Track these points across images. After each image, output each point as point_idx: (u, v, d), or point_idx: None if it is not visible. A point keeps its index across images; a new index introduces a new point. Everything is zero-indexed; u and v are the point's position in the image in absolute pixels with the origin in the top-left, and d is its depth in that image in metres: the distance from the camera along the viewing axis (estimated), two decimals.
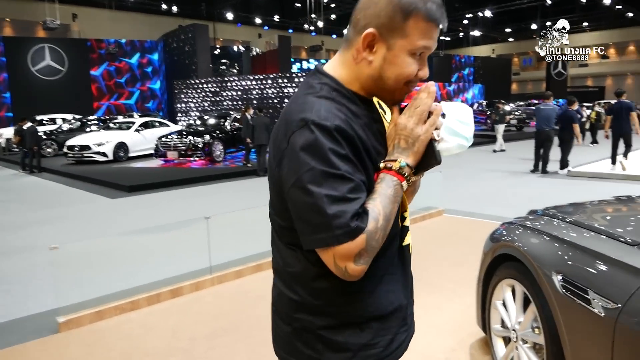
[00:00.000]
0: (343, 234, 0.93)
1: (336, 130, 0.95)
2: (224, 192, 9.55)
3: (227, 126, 14.40)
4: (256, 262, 4.67)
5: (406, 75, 1.04)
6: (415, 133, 1.03)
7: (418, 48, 1.02)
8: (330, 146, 0.94)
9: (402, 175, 1.01)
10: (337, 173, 0.93)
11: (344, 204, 0.93)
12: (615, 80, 40.21)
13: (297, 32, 36.02)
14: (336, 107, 1.00)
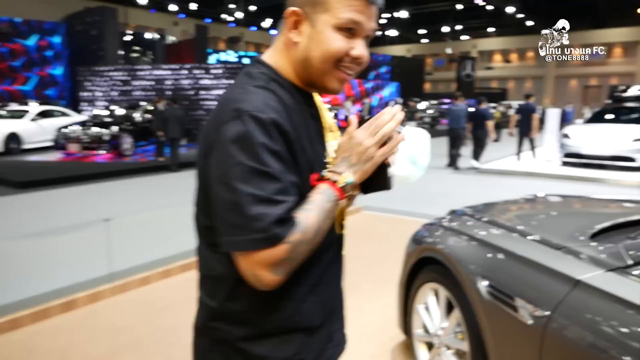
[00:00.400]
0: (261, 239, 0.85)
1: (272, 123, 0.88)
2: (132, 189, 8.90)
3: (137, 118, 13.52)
4: (164, 267, 4.30)
5: (333, 53, 0.95)
6: (370, 153, 0.96)
7: (344, 22, 0.93)
8: (262, 141, 0.86)
9: (344, 192, 0.94)
10: (266, 171, 0.86)
11: (267, 206, 0.85)
12: (516, 83, 43.26)
13: (215, 22, 34.87)
14: (274, 99, 0.93)
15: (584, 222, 1.97)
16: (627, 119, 11.67)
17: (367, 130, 0.96)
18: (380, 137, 0.95)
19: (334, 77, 0.98)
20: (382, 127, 0.95)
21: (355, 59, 0.97)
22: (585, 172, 10.11)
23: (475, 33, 43.45)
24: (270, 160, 0.86)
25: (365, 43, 0.99)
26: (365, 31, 0.96)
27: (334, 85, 0.99)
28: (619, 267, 1.45)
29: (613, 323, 1.35)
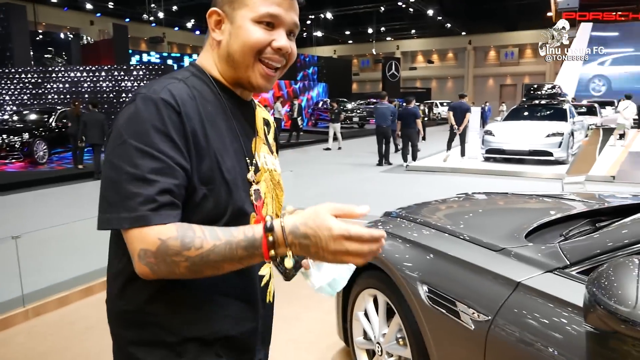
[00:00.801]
0: (127, 218, 0.82)
1: (162, 102, 0.86)
2: (48, 201, 8.23)
3: (52, 123, 12.59)
4: (86, 284, 3.97)
5: (251, 44, 0.94)
6: (331, 247, 0.81)
7: (262, 15, 0.94)
8: (151, 121, 0.85)
9: (270, 257, 0.83)
10: (146, 150, 0.83)
11: (141, 185, 0.82)
12: (438, 83, 45.13)
13: (134, 21, 33.36)
14: (181, 88, 0.91)
15: (518, 220, 1.99)
16: (542, 115, 12.47)
17: (348, 231, 0.80)
18: (353, 248, 0.81)
19: (258, 72, 0.96)
20: (363, 244, 0.81)
21: (277, 50, 0.95)
22: (507, 167, 10.66)
23: (398, 34, 44.83)
24: (155, 138, 0.84)
25: (288, 37, 0.97)
26: (285, 23, 0.96)
27: (259, 81, 0.97)
28: (558, 267, 1.45)
29: (554, 325, 1.34)
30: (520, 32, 40.93)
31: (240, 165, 0.97)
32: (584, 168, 6.29)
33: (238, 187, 0.94)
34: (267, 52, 0.95)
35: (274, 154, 1.13)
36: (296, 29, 0.99)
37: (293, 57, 1.00)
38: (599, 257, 1.37)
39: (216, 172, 0.90)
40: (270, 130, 1.16)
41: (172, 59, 28.30)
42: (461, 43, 43.31)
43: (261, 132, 1.08)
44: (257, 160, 1.02)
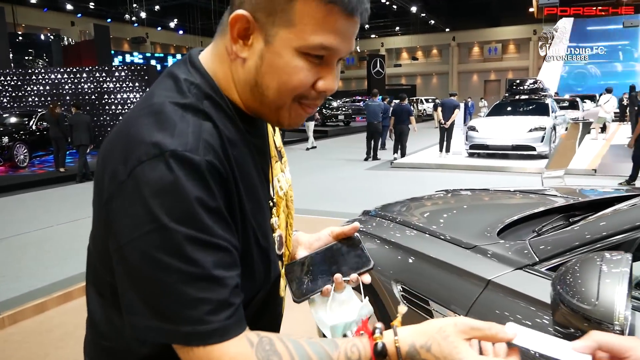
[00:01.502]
0: (193, 333, 0.61)
1: (208, 169, 0.63)
2: (28, 205, 8.10)
3: (32, 126, 12.40)
4: (64, 289, 3.90)
5: (293, 86, 0.69)
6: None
7: (312, 47, 0.67)
8: (197, 194, 0.62)
9: None
10: (203, 238, 0.61)
11: (205, 287, 0.61)
12: (423, 79, 45.35)
13: (116, 21, 33.02)
14: (209, 129, 0.67)
15: (492, 217, 1.99)
16: (525, 110, 12.57)
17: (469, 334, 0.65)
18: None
19: (294, 113, 0.73)
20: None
21: (321, 93, 0.72)
22: (491, 162, 10.73)
23: (382, 31, 44.95)
24: (208, 220, 0.62)
25: (338, 69, 0.74)
26: (340, 55, 0.71)
27: (292, 122, 0.74)
28: (527, 264, 1.45)
29: (523, 322, 1.34)
30: (503, 28, 41.29)
31: (266, 216, 0.79)
32: (563, 162, 6.35)
33: (270, 251, 0.78)
34: (308, 94, 0.72)
35: (283, 160, 0.92)
36: (348, 55, 0.76)
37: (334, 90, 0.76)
38: (568, 253, 1.37)
39: (254, 243, 0.73)
40: (277, 131, 0.94)
41: (156, 59, 28.09)
42: (445, 39, 43.57)
43: (272, 148, 0.86)
44: (273, 194, 0.83)
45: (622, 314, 0.95)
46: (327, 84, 0.71)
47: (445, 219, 2.26)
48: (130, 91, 16.32)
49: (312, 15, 0.66)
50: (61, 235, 5.54)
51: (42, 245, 5.20)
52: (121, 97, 16.35)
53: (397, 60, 45.70)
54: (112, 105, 16.42)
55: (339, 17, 0.67)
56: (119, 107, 16.37)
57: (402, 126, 11.87)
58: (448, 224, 2.05)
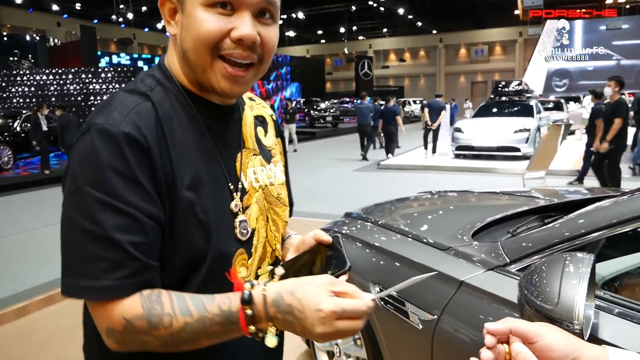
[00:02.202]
0: (87, 288, 0.69)
1: (125, 138, 0.71)
2: (12, 207, 8.01)
3: (17, 127, 12.26)
4: (46, 293, 3.87)
5: (203, 37, 0.74)
6: (319, 330, 0.67)
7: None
8: (110, 162, 0.69)
9: (250, 333, 0.70)
10: (107, 201, 0.69)
11: (103, 246, 0.68)
12: (411, 81, 45.55)
13: (103, 22, 32.72)
14: (147, 110, 0.76)
15: (469, 219, 2.02)
16: (509, 111, 12.70)
17: (339, 305, 0.68)
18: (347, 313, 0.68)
19: (219, 73, 0.76)
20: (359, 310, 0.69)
21: (239, 42, 0.74)
22: (477, 164, 10.83)
23: (370, 33, 45.10)
24: (117, 185, 0.69)
25: (259, 19, 0.77)
26: (248, 3, 0.74)
27: (222, 85, 0.77)
28: (499, 265, 1.48)
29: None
30: (489, 30, 41.62)
31: (222, 196, 0.82)
32: (544, 163, 6.42)
33: (218, 228, 0.79)
34: (225, 45, 0.74)
35: (272, 162, 0.96)
36: (270, 6, 0.77)
37: (269, 46, 0.79)
38: (538, 254, 1.40)
39: (189, 215, 0.76)
40: (269, 128, 0.98)
41: (143, 61, 27.85)
42: (432, 41, 43.81)
43: (250, 141, 0.91)
44: (244, 181, 0.86)
45: (581, 313, 0.98)
46: (240, 31, 0.74)
47: (424, 221, 2.29)
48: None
49: None
50: (44, 238, 5.49)
51: (24, 248, 5.15)
52: None
53: (385, 62, 45.86)
54: None
55: None
56: None
57: (390, 127, 12.17)
58: (426, 226, 2.08)
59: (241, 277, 0.85)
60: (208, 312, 0.70)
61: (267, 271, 0.92)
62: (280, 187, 0.97)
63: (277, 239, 0.96)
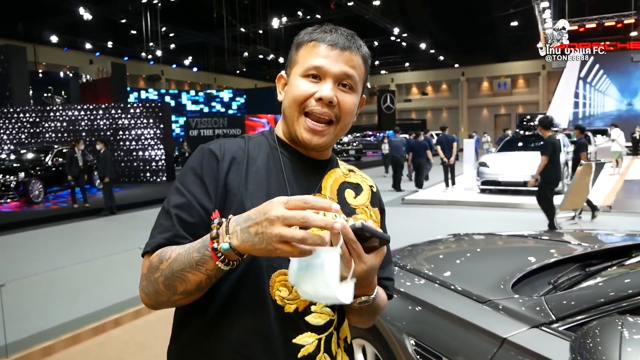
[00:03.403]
0: (147, 244, 0.92)
1: (208, 151, 0.97)
2: (41, 241, 8.15)
3: (48, 162, 12.63)
4: (72, 332, 3.86)
5: (296, 96, 0.97)
6: (267, 228, 0.75)
7: (308, 68, 0.96)
8: (193, 164, 0.96)
9: (217, 255, 0.79)
10: (179, 188, 0.95)
11: (164, 216, 0.93)
12: (433, 114, 45.62)
13: (133, 59, 33.94)
14: (238, 142, 1.01)
15: (505, 267, 1.95)
16: (535, 146, 12.51)
17: (288, 203, 0.74)
18: (295, 217, 0.72)
19: (302, 126, 0.97)
20: (306, 207, 0.74)
21: (319, 101, 0.95)
22: (503, 199, 10.62)
23: (392, 67, 45.58)
24: (189, 180, 0.94)
25: (339, 87, 0.97)
26: (331, 74, 0.95)
27: (304, 135, 0.97)
28: (544, 322, 1.40)
29: None
30: (511, 63, 41.64)
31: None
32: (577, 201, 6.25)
33: None
34: (310, 104, 0.95)
35: (353, 216, 1.03)
36: (348, 79, 0.97)
37: (346, 108, 0.98)
38: (586, 313, 1.33)
39: (233, 210, 0.91)
40: (362, 194, 1.08)
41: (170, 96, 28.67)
42: (454, 75, 44.01)
43: (328, 190, 1.02)
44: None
45: None
46: (322, 92, 0.95)
47: (459, 268, 2.22)
48: (145, 127, 16.59)
49: (306, 52, 0.98)
50: (73, 273, 5.54)
51: (50, 285, 5.19)
52: (135, 133, 16.64)
53: (407, 96, 46.14)
54: (127, 141, 16.70)
55: (321, 47, 0.97)
56: (132, 142, 16.64)
57: (420, 160, 12.81)
58: (461, 275, 2.01)
59: (280, 297, 0.91)
60: (193, 244, 0.84)
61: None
62: None
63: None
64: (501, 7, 29.89)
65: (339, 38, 0.97)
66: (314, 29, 1.01)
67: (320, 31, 0.99)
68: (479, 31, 36.83)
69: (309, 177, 1.01)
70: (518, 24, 31.60)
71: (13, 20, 28.63)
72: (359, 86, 1.01)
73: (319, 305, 0.93)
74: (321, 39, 0.97)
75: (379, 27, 31.59)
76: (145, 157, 16.58)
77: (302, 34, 1.01)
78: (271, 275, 0.91)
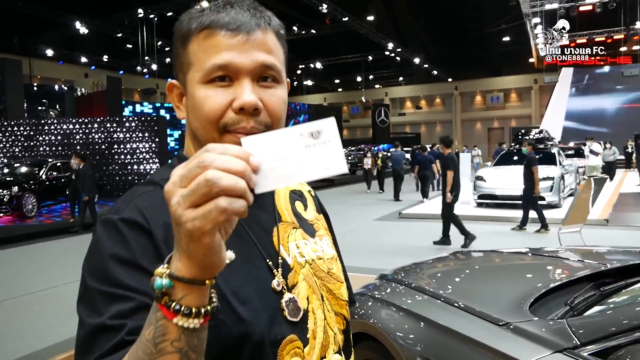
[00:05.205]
0: None
1: (123, 223, 0.68)
2: (35, 256, 8.03)
3: (42, 175, 12.52)
4: (68, 352, 3.77)
5: (206, 114, 0.70)
6: (180, 216, 0.50)
7: (209, 71, 0.70)
8: (111, 251, 0.66)
9: (165, 306, 0.53)
10: (108, 291, 0.64)
11: (98, 335, 0.61)
12: (427, 128, 45.85)
13: (128, 73, 34.00)
14: (155, 196, 0.71)
15: (518, 286, 1.91)
16: None
17: (180, 177, 0.51)
18: (191, 188, 0.50)
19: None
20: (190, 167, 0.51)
21: (240, 111, 0.69)
22: (500, 212, 10.63)
23: (386, 82, 45.95)
24: (118, 273, 0.64)
25: (260, 83, 0.71)
26: (245, 69, 0.69)
27: None
28: (567, 347, 1.37)
29: None
30: (504, 78, 42.07)
31: (257, 275, 0.73)
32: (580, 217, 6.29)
33: (257, 313, 0.70)
34: (229, 119, 0.69)
35: (317, 235, 0.87)
36: (269, 70, 0.72)
37: (276, 110, 0.72)
38: (612, 338, 1.30)
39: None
40: (308, 203, 0.91)
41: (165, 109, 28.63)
42: (448, 89, 44.36)
43: (287, 214, 0.84)
44: (286, 256, 0.78)
45: None
46: (241, 99, 0.69)
47: (470, 287, 2.18)
48: (140, 141, 16.53)
49: (198, 47, 0.71)
50: (67, 291, 5.44)
51: (45, 303, 5.10)
52: (130, 147, 16.56)
53: (401, 109, 46.39)
54: (122, 155, 16.61)
55: (219, 36, 0.70)
56: (127, 156, 16.56)
57: (426, 172, 13.47)
58: (474, 294, 1.98)
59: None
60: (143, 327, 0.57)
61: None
62: (331, 261, 0.86)
63: (338, 321, 0.83)
64: (493, 22, 30.28)
65: (240, 15, 0.71)
66: (198, 10, 0.73)
67: (211, 11, 0.71)
68: (471, 46, 37.30)
69: (260, 210, 0.79)
70: (510, 39, 32.02)
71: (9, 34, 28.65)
72: (283, 73, 0.75)
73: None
74: (216, 23, 0.70)
75: (374, 42, 31.89)
76: (140, 171, 16.49)
77: (186, 20, 0.73)
78: (276, 351, 0.71)
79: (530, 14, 24.79)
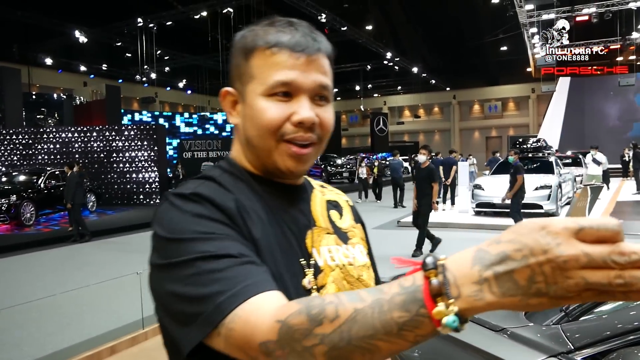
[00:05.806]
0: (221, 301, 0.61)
1: (196, 195, 0.72)
2: (33, 265, 8.01)
3: (41, 184, 12.52)
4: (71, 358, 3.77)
5: (266, 124, 0.77)
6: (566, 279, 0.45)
7: (272, 86, 0.76)
8: (190, 210, 0.70)
9: (438, 314, 0.49)
10: (199, 237, 0.67)
11: (209, 261, 0.64)
12: (426, 136, 45.99)
13: (127, 82, 34.09)
14: (213, 186, 0.76)
15: None
16: (529, 168, 12.62)
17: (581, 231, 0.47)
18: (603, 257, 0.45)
19: (284, 153, 0.78)
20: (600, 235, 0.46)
21: (299, 125, 0.77)
22: (497, 221, 10.65)
23: (385, 90, 46.12)
24: (202, 224, 0.68)
25: (315, 102, 0.79)
26: (305, 88, 0.77)
27: (287, 164, 0.79)
28: (561, 352, 1.39)
29: None
30: (502, 87, 42.29)
31: (293, 270, 0.77)
32: None
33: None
34: (288, 129, 0.77)
35: (350, 243, 0.90)
36: (324, 90, 0.80)
37: (328, 126, 0.82)
38: (604, 343, 1.32)
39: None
40: (344, 212, 0.95)
41: (164, 118, 28.70)
42: (446, 98, 44.56)
43: (321, 220, 0.87)
44: (318, 259, 0.81)
45: None
46: (300, 115, 0.76)
47: None
48: (139, 149, 16.55)
49: (264, 62, 0.77)
50: (65, 299, 5.44)
51: (43, 311, 5.09)
52: (129, 155, 16.59)
53: (400, 118, 46.55)
54: (121, 164, 16.63)
55: (286, 55, 0.77)
56: (126, 165, 16.58)
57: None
58: None
59: None
60: (384, 292, 0.53)
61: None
62: (362, 268, 0.88)
63: None
64: (491, 32, 30.52)
65: (302, 38, 0.78)
66: (263, 28, 0.80)
67: (275, 30, 0.78)
68: (469, 55, 37.53)
69: (297, 212, 0.85)
70: (507, 48, 32.26)
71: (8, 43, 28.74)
72: (332, 93, 0.84)
73: None
74: (280, 43, 0.77)
75: (372, 51, 32.08)
76: (139, 179, 16.50)
77: (250, 36, 0.80)
78: None
79: (528, 24, 24.99)
